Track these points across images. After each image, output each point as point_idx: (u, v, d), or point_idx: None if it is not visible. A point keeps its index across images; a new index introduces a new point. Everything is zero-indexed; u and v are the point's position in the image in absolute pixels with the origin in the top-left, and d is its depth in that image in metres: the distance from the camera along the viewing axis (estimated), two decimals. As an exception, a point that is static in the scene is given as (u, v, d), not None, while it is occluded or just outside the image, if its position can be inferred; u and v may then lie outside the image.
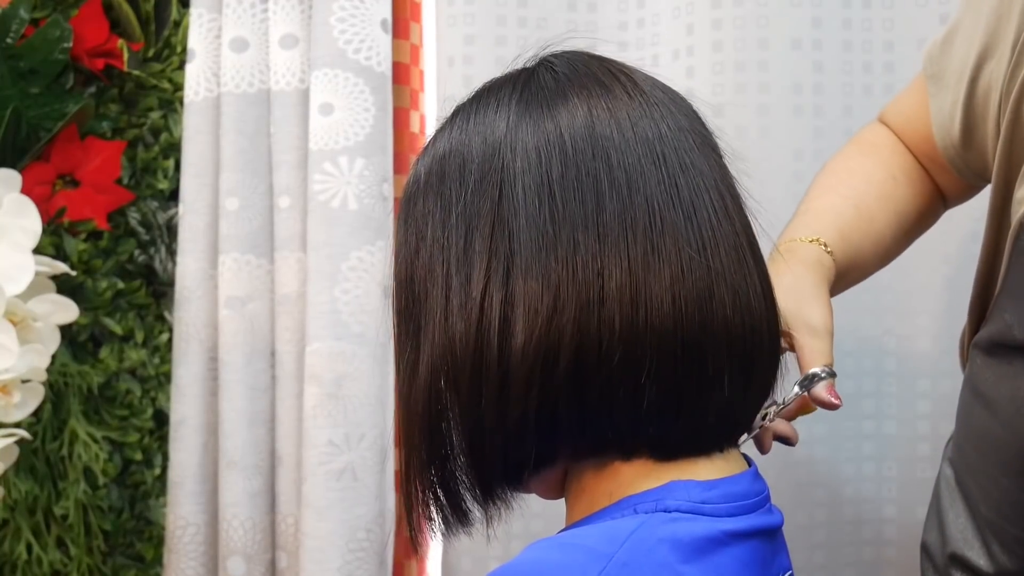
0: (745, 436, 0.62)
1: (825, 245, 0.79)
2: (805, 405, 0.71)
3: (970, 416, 0.78)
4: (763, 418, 0.66)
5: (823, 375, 0.70)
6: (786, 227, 0.83)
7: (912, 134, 0.88)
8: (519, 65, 0.64)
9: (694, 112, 0.63)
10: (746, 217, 0.61)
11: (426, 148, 0.63)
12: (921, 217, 0.89)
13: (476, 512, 0.62)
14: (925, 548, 0.83)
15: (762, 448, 0.72)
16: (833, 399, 0.69)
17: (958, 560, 0.78)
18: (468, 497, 0.61)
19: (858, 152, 0.89)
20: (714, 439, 0.59)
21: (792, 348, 0.72)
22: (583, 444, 0.58)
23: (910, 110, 0.88)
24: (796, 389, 0.70)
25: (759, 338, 0.58)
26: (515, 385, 0.55)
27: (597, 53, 0.64)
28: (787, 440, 0.73)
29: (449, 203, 0.59)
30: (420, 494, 0.62)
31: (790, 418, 0.73)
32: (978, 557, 0.76)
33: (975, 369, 0.77)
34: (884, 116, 0.92)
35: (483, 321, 0.56)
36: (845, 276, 0.82)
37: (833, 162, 0.89)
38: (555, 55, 0.63)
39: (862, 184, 0.85)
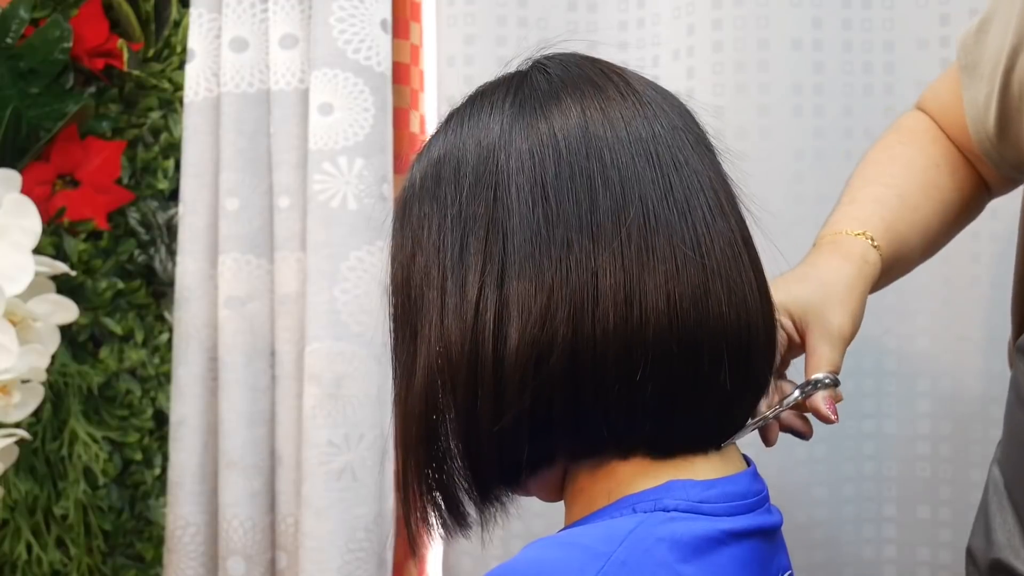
0: (732, 438, 0.60)
1: (872, 239, 0.76)
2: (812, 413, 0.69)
3: (1013, 420, 0.74)
4: (754, 419, 0.64)
5: (826, 382, 0.67)
6: (829, 218, 0.80)
7: (949, 123, 0.85)
8: (513, 68, 0.64)
9: (687, 111, 0.63)
10: (741, 214, 0.61)
11: (421, 152, 0.63)
12: (966, 206, 0.86)
13: (474, 514, 0.62)
14: (970, 552, 0.78)
15: (767, 440, 0.69)
16: (830, 413, 0.67)
17: (1002, 568, 0.73)
18: (466, 499, 0.61)
19: (898, 140, 0.86)
20: (711, 436, 0.59)
21: (803, 347, 0.70)
22: (580, 444, 0.58)
23: (946, 98, 0.85)
24: (795, 393, 0.67)
25: (755, 335, 0.58)
26: (510, 386, 0.56)
27: (594, 54, 0.64)
28: (801, 434, 0.70)
29: (444, 206, 0.59)
30: (418, 497, 0.62)
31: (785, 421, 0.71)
32: (1021, 564, 0.71)
33: (1017, 373, 0.74)
34: (922, 103, 0.89)
35: (478, 323, 0.56)
36: (891, 270, 0.79)
37: (873, 151, 0.86)
38: (548, 57, 0.63)
39: (905, 172, 0.82)
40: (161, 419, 1.30)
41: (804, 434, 0.70)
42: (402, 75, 1.21)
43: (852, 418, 1.16)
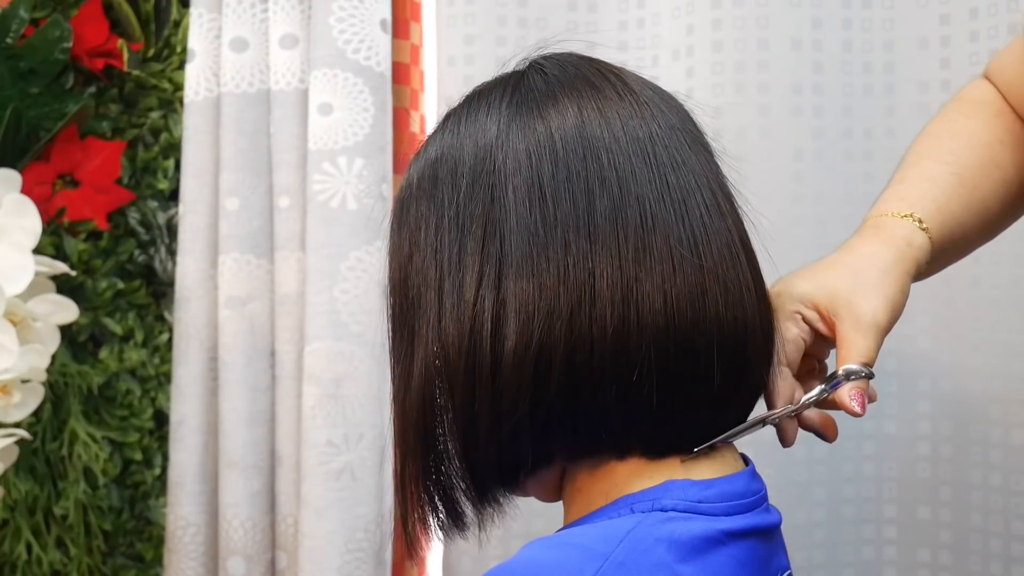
0: (721, 437, 0.58)
1: (920, 221, 0.70)
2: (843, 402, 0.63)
3: None
4: (762, 421, 0.61)
5: (858, 373, 0.62)
6: (877, 198, 0.75)
7: (1015, 95, 0.80)
8: (510, 68, 0.64)
9: (684, 111, 0.63)
10: (738, 214, 0.61)
11: (418, 153, 0.63)
12: None
13: (471, 515, 0.62)
14: None
15: (784, 440, 0.65)
16: (855, 405, 0.62)
17: None
18: (463, 500, 0.61)
19: (959, 112, 0.80)
20: (709, 436, 0.59)
21: (833, 340, 0.65)
22: (577, 444, 0.58)
23: (1010, 70, 0.79)
24: (818, 388, 0.62)
25: (752, 335, 0.58)
26: (508, 386, 0.55)
27: (594, 54, 0.64)
28: (823, 435, 0.65)
29: (442, 207, 0.59)
30: (416, 498, 0.62)
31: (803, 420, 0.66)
32: None
33: None
34: (988, 72, 0.83)
35: (476, 323, 0.56)
36: (944, 253, 0.73)
37: (932, 124, 0.80)
38: (545, 57, 0.63)
39: (964, 148, 0.76)
40: (161, 419, 1.30)
41: (827, 435, 0.66)
42: (402, 75, 1.21)
43: (852, 418, 1.16)
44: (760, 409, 0.63)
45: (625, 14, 1.20)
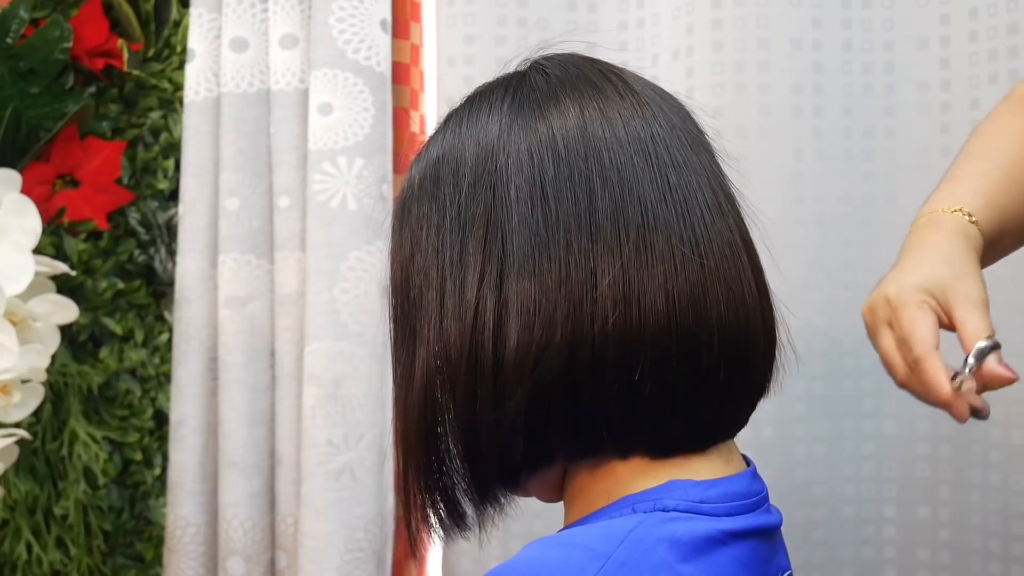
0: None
1: (969, 215, 0.74)
2: (989, 381, 0.67)
3: None
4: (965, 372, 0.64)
5: (991, 347, 0.66)
6: (928, 198, 0.78)
7: None
8: (512, 69, 0.64)
9: (686, 111, 0.63)
10: (740, 214, 0.61)
11: (420, 154, 0.63)
12: None
13: (472, 515, 0.62)
14: None
15: (959, 415, 0.67)
16: (1008, 372, 0.66)
17: None
18: (464, 500, 0.61)
19: (1007, 111, 0.84)
20: (710, 436, 0.59)
21: (950, 326, 0.69)
22: (579, 444, 0.58)
23: None
24: (971, 362, 0.66)
25: (754, 334, 0.58)
26: (510, 386, 0.56)
27: (594, 54, 0.64)
28: (979, 411, 0.68)
29: (443, 207, 0.59)
30: (418, 498, 0.62)
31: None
32: None
33: None
34: None
35: (477, 323, 0.56)
36: (995, 244, 0.77)
37: (982, 124, 0.84)
38: (546, 57, 0.63)
39: (1010, 145, 0.80)
40: (161, 419, 1.30)
41: (982, 411, 0.68)
42: (402, 75, 1.21)
43: (852, 418, 1.16)
44: (761, 408, 0.63)
45: (625, 14, 1.20)
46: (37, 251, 1.02)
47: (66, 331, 1.18)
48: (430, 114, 1.25)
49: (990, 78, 1.11)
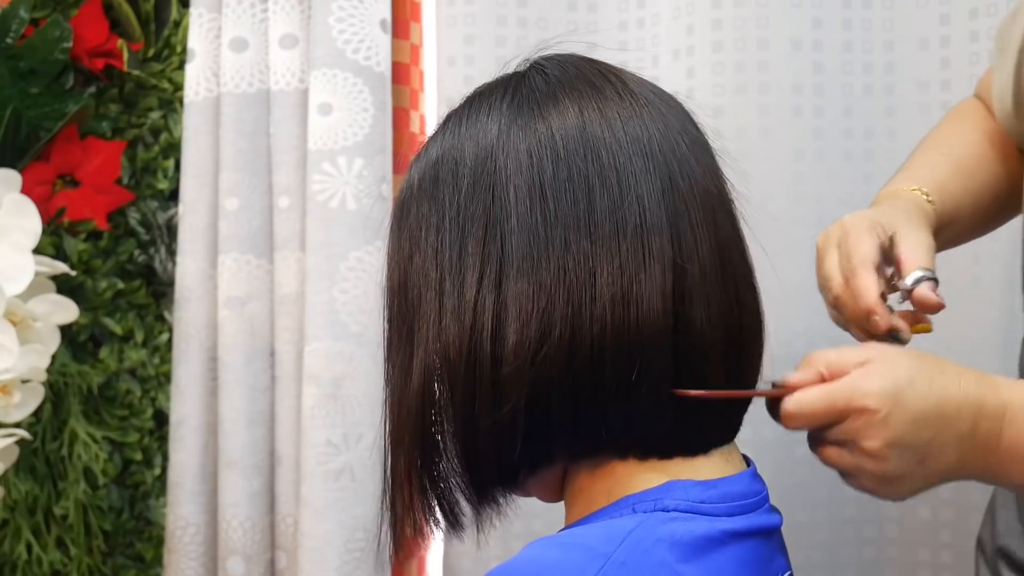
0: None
1: (927, 195, 0.80)
2: (919, 302, 0.70)
3: None
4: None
5: (927, 276, 0.70)
6: (887, 182, 0.84)
7: (993, 106, 0.90)
8: (511, 69, 0.64)
9: (685, 112, 0.63)
10: (736, 215, 0.61)
11: (419, 154, 0.63)
12: (1013, 187, 0.89)
13: (470, 515, 0.62)
14: (979, 544, 0.84)
15: (875, 326, 0.70)
16: (938, 297, 0.69)
17: (1004, 553, 0.78)
18: (462, 500, 0.61)
19: (956, 118, 0.92)
20: (708, 436, 0.59)
21: (892, 262, 0.72)
22: (578, 444, 0.58)
23: (986, 82, 0.90)
24: (907, 283, 0.69)
25: (749, 333, 0.59)
26: (508, 386, 0.56)
27: (594, 54, 0.64)
28: (898, 333, 0.70)
29: (443, 208, 0.59)
30: (409, 498, 0.62)
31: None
32: (1019, 548, 0.76)
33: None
34: (977, 90, 0.95)
35: (476, 323, 0.56)
36: (945, 228, 0.82)
37: (930, 132, 0.92)
38: (546, 58, 0.64)
39: (959, 144, 0.88)
40: (161, 419, 1.30)
41: (902, 332, 0.70)
42: (402, 75, 1.21)
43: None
44: (762, 408, 0.63)
45: (625, 14, 1.20)
46: (37, 251, 1.02)
47: (66, 331, 1.17)
48: (430, 114, 1.25)
49: (990, 78, 1.11)
